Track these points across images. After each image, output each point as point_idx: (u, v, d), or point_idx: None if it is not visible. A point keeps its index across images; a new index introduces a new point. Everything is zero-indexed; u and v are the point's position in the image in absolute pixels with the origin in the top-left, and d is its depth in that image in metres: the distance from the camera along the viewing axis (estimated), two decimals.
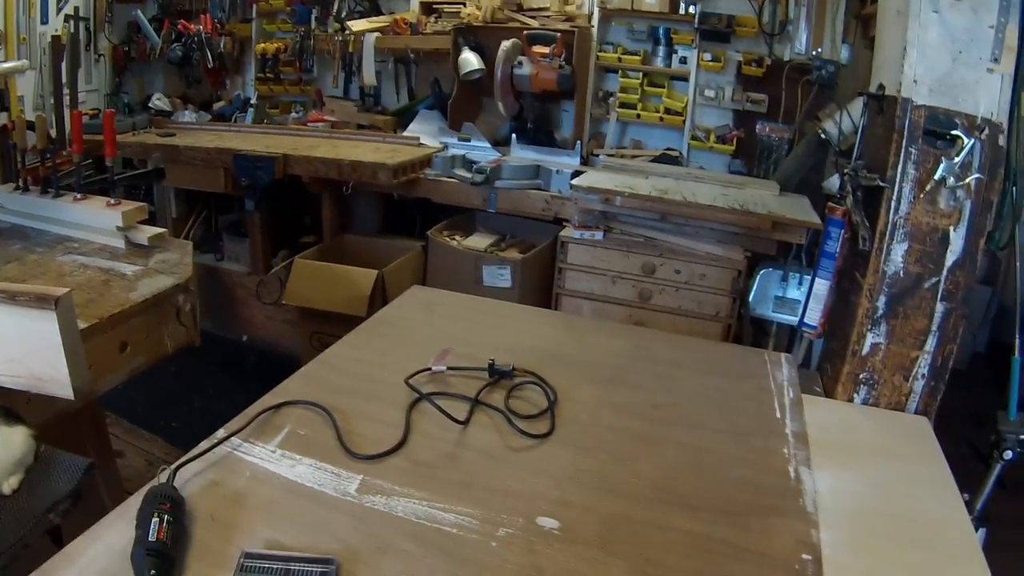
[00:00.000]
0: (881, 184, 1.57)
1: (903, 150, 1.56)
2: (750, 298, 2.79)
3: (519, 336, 1.70)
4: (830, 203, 1.80)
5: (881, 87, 1.64)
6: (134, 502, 0.99)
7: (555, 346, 1.65)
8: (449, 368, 1.46)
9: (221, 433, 1.22)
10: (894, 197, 1.58)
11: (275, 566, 0.91)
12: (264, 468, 1.15)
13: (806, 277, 2.73)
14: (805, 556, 1.03)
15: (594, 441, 1.28)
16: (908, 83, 1.52)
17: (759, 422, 1.41)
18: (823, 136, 2.93)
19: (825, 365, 1.91)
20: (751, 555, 1.02)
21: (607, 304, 2.82)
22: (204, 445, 1.17)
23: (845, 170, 1.73)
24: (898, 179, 1.58)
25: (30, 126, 2.52)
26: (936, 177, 1.53)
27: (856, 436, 1.60)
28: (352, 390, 1.40)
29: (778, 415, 1.45)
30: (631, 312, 2.79)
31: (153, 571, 0.87)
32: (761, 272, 2.78)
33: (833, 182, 3.14)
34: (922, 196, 1.57)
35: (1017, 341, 1.66)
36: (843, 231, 1.74)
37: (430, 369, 1.45)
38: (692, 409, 1.42)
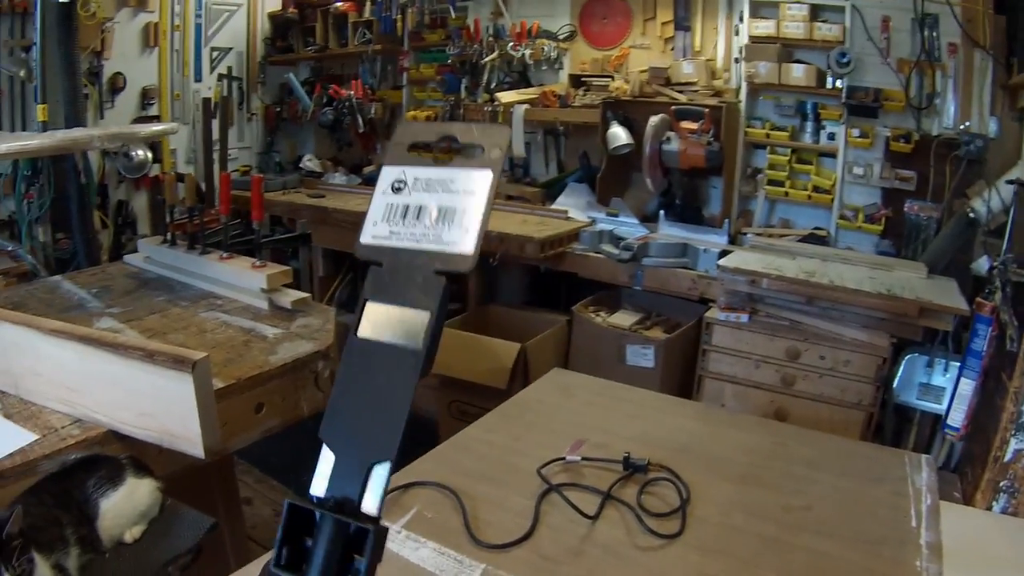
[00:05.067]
0: None
1: None
2: (894, 384, 2.72)
3: (655, 427, 1.67)
4: (979, 298, 1.77)
5: None
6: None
7: (691, 439, 1.61)
8: (583, 459, 1.46)
9: None
10: None
11: None
12: (387, 549, 1.22)
13: (952, 363, 2.65)
14: None
15: (722, 544, 1.29)
16: None
17: (893, 530, 1.37)
18: (971, 215, 2.86)
19: (965, 468, 1.87)
20: None
21: (749, 388, 2.79)
22: None
23: (995, 263, 1.70)
24: None
25: (179, 178, 2.60)
26: None
27: (991, 547, 1.56)
28: (483, 475, 1.41)
29: (913, 523, 1.41)
30: (773, 398, 2.75)
31: None
32: (907, 358, 2.72)
33: (982, 263, 3.03)
34: None
35: None
36: (991, 328, 1.72)
37: (564, 459, 1.46)
38: (825, 513, 1.41)
